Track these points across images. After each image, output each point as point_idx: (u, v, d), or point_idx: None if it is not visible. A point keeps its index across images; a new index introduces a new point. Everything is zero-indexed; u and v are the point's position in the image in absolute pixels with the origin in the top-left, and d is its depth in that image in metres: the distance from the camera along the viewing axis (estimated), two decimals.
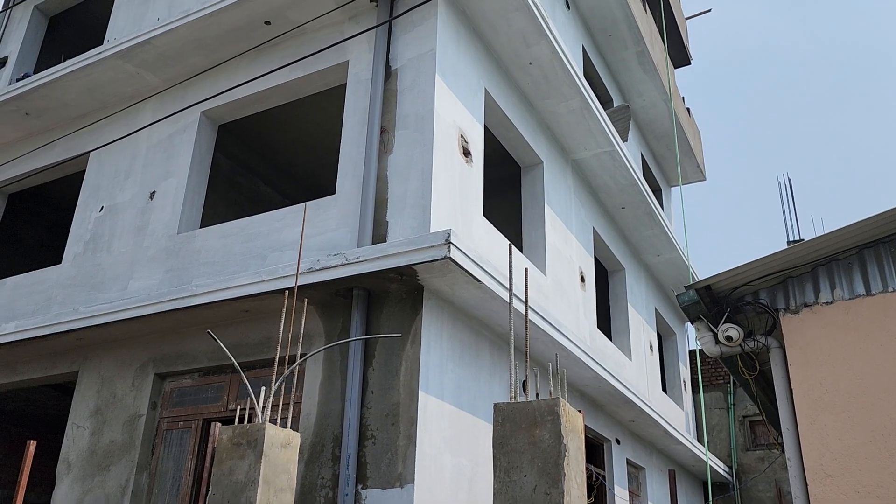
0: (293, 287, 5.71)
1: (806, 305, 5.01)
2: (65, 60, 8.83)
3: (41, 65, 11.00)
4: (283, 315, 5.16)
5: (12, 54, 10.81)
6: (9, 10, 11.17)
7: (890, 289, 4.77)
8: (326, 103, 8.77)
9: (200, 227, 7.71)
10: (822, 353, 4.84)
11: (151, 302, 6.71)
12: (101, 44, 9.87)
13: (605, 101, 12.74)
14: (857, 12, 56.67)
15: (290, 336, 5.08)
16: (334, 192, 6.80)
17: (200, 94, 8.04)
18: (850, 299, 4.86)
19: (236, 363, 4.94)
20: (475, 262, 5.75)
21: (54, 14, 11.40)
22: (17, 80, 9.83)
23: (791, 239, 13.37)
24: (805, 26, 58.74)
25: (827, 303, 4.95)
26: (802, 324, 4.94)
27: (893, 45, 53.89)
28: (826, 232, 4.89)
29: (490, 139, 8.66)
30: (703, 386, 16.29)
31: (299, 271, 5.79)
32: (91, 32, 11.68)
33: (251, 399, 4.58)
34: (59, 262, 8.50)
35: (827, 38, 59.28)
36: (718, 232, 54.30)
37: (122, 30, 9.61)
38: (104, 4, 10.86)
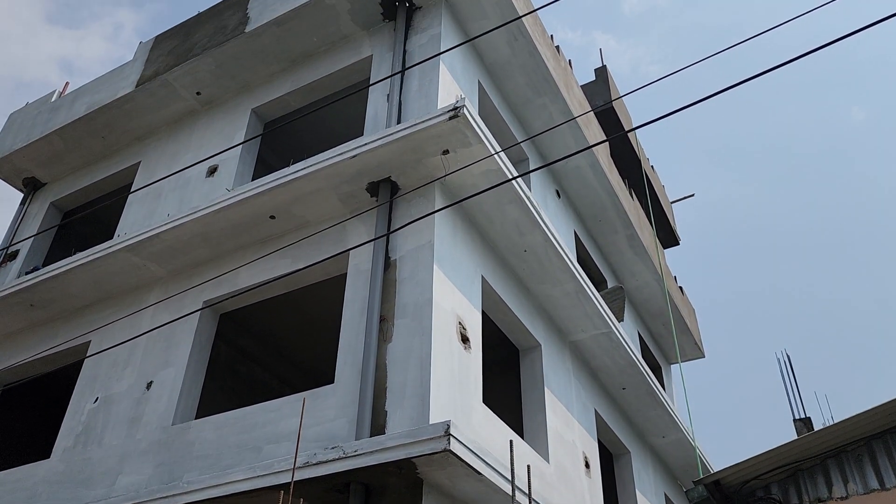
0: (289, 483, 5.51)
1: (820, 501, 4.82)
2: (75, 253, 9.10)
3: (51, 256, 11.34)
4: None
5: (24, 246, 11.19)
6: (26, 206, 11.72)
7: None
8: (327, 291, 8.95)
9: (196, 418, 7.57)
10: None
11: (139, 500, 6.44)
12: (110, 235, 10.27)
13: (599, 283, 13.03)
14: (843, 182, 59.53)
15: None
16: (333, 379, 6.77)
17: (204, 285, 8.22)
18: (865, 494, 4.68)
19: None
20: (476, 454, 5.60)
21: (69, 209, 11.93)
22: (26, 273, 10.09)
23: (797, 417, 13.12)
24: (792, 200, 61.47)
25: (842, 498, 4.77)
26: None
27: (887, 212, 56.00)
28: (833, 420, 4.82)
29: (487, 323, 8.75)
30: None
31: (296, 466, 5.62)
32: (100, 224, 12.15)
33: None
34: (48, 457, 8.24)
35: (815, 208, 61.77)
36: (721, 409, 53.23)
37: (133, 224, 10.02)
38: (118, 200, 11.40)
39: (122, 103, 11.05)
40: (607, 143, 13.36)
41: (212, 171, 9.77)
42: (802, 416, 13.34)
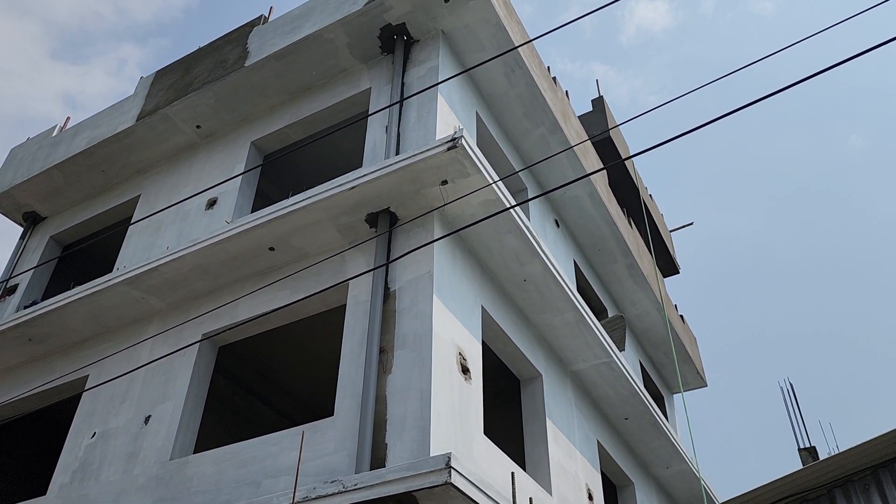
0: None
1: None
2: (73, 287, 9.08)
3: (50, 290, 11.32)
4: None
5: (23, 280, 11.17)
6: (25, 240, 11.72)
7: None
8: (326, 322, 8.92)
9: (194, 453, 7.48)
10: None
11: None
12: (110, 269, 10.26)
13: (600, 312, 12.98)
14: (843, 208, 59.64)
15: None
16: (332, 412, 6.70)
17: (203, 317, 8.18)
18: None
19: None
20: (477, 487, 5.53)
21: (68, 243, 11.94)
22: (25, 308, 10.06)
23: (802, 447, 12.99)
24: (792, 227, 61.56)
25: None
26: None
27: (887, 237, 55.98)
28: (839, 449, 4.77)
29: (488, 353, 8.70)
30: None
31: (295, 500, 5.54)
32: (99, 258, 12.14)
33: None
34: (45, 493, 8.13)
35: (815, 235, 61.83)
36: (725, 439, 52.76)
37: (132, 257, 10.01)
38: (117, 233, 11.42)
39: (123, 137, 11.11)
40: (605, 172, 13.41)
41: (211, 203, 9.79)
42: (807, 445, 13.22)
